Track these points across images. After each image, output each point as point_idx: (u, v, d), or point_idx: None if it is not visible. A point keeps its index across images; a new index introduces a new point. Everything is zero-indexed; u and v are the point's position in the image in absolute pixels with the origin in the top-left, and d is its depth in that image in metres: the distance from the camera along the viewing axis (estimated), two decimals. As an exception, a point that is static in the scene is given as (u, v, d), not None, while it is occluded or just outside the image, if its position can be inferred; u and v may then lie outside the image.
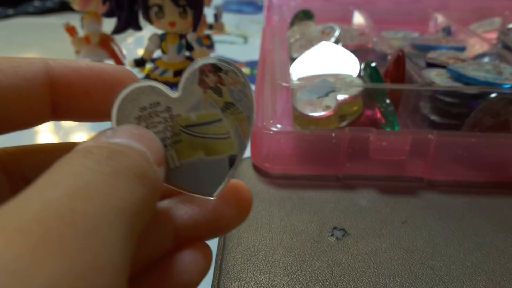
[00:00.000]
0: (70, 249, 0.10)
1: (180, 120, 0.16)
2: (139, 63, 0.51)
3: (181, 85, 0.16)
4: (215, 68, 0.16)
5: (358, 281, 0.28)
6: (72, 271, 0.10)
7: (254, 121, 0.17)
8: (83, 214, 0.11)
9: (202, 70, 0.16)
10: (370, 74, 0.43)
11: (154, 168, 0.14)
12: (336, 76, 0.44)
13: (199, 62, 0.16)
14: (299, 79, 0.44)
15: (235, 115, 0.16)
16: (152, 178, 0.13)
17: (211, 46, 0.56)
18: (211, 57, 0.16)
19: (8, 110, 0.14)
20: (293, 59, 0.50)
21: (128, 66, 0.52)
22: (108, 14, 0.50)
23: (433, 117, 0.42)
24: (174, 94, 0.16)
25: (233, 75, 0.16)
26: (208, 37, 0.56)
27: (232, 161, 0.17)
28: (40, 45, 0.84)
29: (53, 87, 0.15)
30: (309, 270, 0.29)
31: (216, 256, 0.30)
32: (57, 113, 0.16)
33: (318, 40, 0.53)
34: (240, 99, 0.16)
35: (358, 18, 0.68)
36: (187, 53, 0.52)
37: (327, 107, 0.39)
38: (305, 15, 0.65)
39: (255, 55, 0.68)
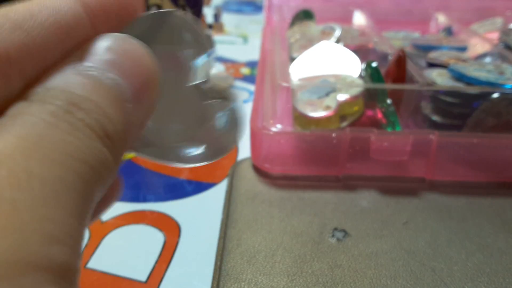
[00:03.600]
0: (24, 219, 0.09)
1: None
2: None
3: None
4: None
5: (359, 283, 0.28)
6: (26, 245, 0.08)
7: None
8: (40, 177, 0.09)
9: None
10: (371, 74, 0.43)
11: (119, 115, 0.11)
12: (336, 76, 0.43)
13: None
14: (299, 79, 0.44)
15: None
16: (114, 133, 0.11)
17: (210, 46, 0.55)
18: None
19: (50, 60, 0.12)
20: (293, 59, 0.50)
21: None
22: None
23: (435, 118, 0.42)
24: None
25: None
26: (208, 37, 0.55)
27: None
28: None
29: (92, 25, 0.13)
30: (310, 271, 0.28)
31: (216, 257, 0.30)
32: None
33: (319, 40, 0.53)
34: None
35: (358, 18, 0.67)
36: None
37: (327, 107, 0.39)
38: (305, 15, 0.65)
39: (255, 55, 0.68)
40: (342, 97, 0.40)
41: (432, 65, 0.48)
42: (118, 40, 0.12)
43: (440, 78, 0.43)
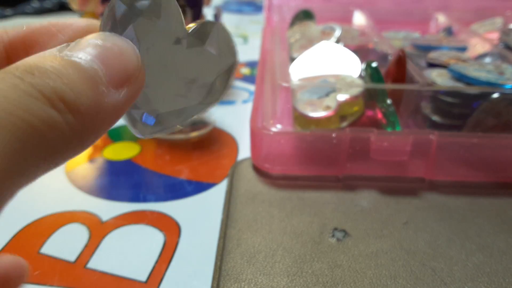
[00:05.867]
0: None
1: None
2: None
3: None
4: None
5: (359, 283, 0.28)
6: None
7: None
8: None
9: None
10: (371, 74, 0.43)
11: (89, 91, 0.11)
12: (336, 76, 0.43)
13: None
14: (299, 79, 0.44)
15: None
16: (78, 104, 0.11)
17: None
18: None
19: None
20: (293, 59, 0.50)
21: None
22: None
23: (435, 118, 0.42)
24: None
25: None
26: (208, 37, 0.55)
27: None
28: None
29: (10, 58, 0.14)
30: (310, 271, 0.28)
31: (216, 257, 0.30)
32: None
33: (319, 40, 0.53)
34: None
35: (358, 18, 0.67)
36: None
37: (327, 107, 0.39)
38: (305, 15, 0.65)
39: (255, 55, 0.68)
40: (342, 97, 0.40)
41: (432, 65, 0.48)
42: (106, 37, 0.13)
43: (440, 78, 0.43)
